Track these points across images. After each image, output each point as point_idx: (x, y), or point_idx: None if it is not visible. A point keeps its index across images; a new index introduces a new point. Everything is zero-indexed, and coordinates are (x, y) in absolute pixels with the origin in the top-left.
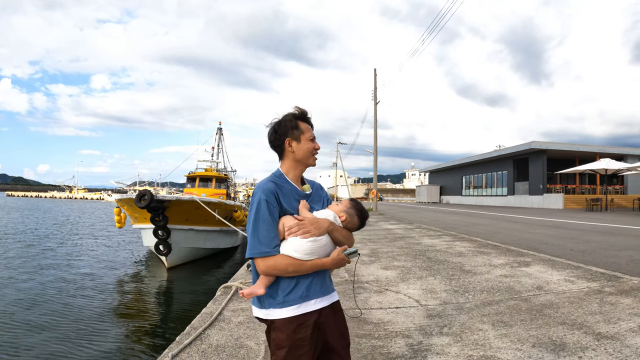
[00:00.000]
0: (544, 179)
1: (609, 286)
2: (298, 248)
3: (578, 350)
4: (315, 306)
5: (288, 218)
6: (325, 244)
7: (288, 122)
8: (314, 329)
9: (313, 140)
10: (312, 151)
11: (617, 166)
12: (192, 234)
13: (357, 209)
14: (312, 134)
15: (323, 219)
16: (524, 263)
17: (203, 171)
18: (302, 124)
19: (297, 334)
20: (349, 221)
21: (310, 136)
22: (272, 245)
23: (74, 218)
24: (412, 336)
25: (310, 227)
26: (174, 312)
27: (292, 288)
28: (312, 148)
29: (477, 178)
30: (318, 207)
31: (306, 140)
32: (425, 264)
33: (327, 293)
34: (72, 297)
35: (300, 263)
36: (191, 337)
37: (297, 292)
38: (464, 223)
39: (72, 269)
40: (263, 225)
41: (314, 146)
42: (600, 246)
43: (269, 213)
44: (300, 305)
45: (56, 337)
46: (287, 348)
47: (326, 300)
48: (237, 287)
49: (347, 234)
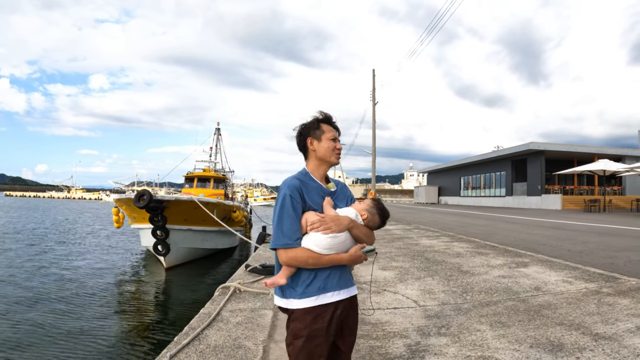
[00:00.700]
0: (542, 179)
1: (606, 287)
2: (318, 242)
3: (576, 350)
4: (333, 298)
5: (311, 213)
6: (344, 241)
7: (311, 124)
8: (331, 320)
9: (334, 140)
10: (332, 149)
11: (616, 167)
12: (190, 234)
13: (379, 208)
14: (333, 135)
15: (344, 217)
16: (522, 264)
17: (201, 171)
18: (324, 126)
19: (314, 324)
20: (370, 219)
21: (331, 136)
22: (294, 238)
23: (73, 218)
24: (410, 337)
25: (331, 224)
26: (172, 312)
27: (311, 280)
28: (332, 147)
29: (475, 179)
30: (342, 204)
31: (327, 140)
32: (424, 264)
33: (345, 286)
34: (69, 297)
35: (319, 256)
36: (189, 338)
37: (316, 284)
38: (462, 224)
39: (70, 269)
40: (287, 219)
41: (335, 145)
42: (598, 247)
43: (292, 208)
44: (318, 297)
45: (54, 337)
46: (304, 338)
47: (344, 294)
48: (235, 287)
49: (368, 232)
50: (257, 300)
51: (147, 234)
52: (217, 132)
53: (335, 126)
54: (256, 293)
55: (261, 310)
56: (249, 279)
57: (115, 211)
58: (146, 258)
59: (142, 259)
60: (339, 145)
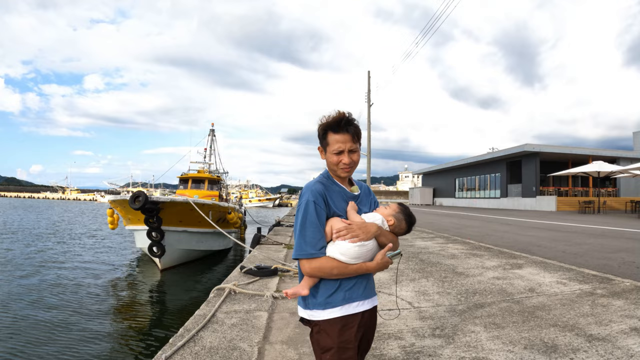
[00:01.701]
0: (537, 181)
1: (600, 288)
2: (345, 252)
3: (570, 352)
4: (358, 309)
5: (336, 220)
6: (371, 249)
7: (319, 130)
8: (357, 331)
9: (339, 154)
10: (337, 164)
11: (610, 169)
12: (185, 236)
13: (405, 214)
14: (338, 147)
15: (371, 224)
16: (517, 265)
17: (196, 173)
18: (330, 136)
19: (342, 335)
20: (396, 225)
21: (335, 149)
22: (318, 247)
23: (68, 219)
24: (405, 338)
25: (358, 232)
26: (167, 313)
27: (335, 290)
28: (337, 161)
29: (470, 180)
30: (366, 209)
31: (331, 154)
32: (418, 266)
33: (369, 296)
34: (64, 299)
35: (345, 266)
36: (184, 339)
37: (340, 294)
38: (457, 225)
39: (64, 270)
40: (310, 227)
41: (339, 160)
42: (592, 248)
43: (316, 215)
44: (343, 307)
45: (48, 339)
46: (333, 350)
47: (368, 304)
48: (230, 289)
49: (394, 238)
50: (252, 302)
51: (142, 236)
52: (211, 133)
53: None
54: (251, 295)
55: (256, 312)
56: (244, 281)
57: (110, 212)
58: (141, 259)
59: (137, 260)
60: (346, 159)
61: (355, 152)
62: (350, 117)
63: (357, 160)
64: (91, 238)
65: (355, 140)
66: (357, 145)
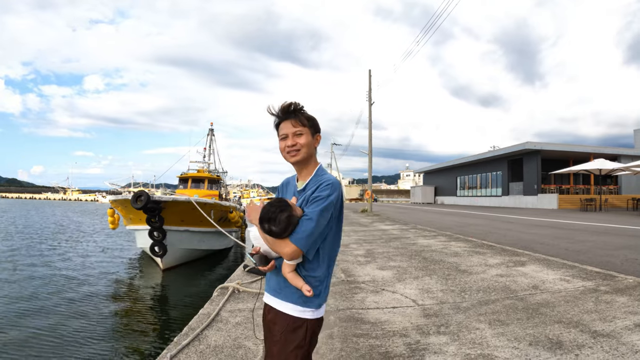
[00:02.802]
0: (539, 179)
1: (604, 285)
2: None
3: (575, 348)
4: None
5: None
6: (255, 237)
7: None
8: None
9: (284, 139)
10: (283, 149)
11: (611, 166)
12: (187, 235)
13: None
14: (283, 133)
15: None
16: (520, 263)
17: (195, 172)
18: (281, 125)
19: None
20: None
21: (281, 135)
22: None
23: (69, 219)
24: (410, 335)
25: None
26: (170, 313)
27: None
28: (282, 147)
29: (471, 179)
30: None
31: (279, 140)
32: (421, 264)
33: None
34: (66, 299)
35: None
36: (189, 338)
37: None
38: (459, 223)
39: (66, 271)
40: None
41: (284, 144)
42: (595, 246)
43: None
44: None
45: (50, 339)
46: None
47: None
48: (234, 287)
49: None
50: (256, 300)
51: (143, 235)
52: (210, 133)
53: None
54: (255, 293)
55: (260, 310)
56: (247, 280)
57: (111, 212)
58: (142, 259)
59: (138, 260)
60: (289, 142)
61: (302, 134)
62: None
63: (305, 143)
64: (92, 238)
65: (302, 124)
66: (306, 129)
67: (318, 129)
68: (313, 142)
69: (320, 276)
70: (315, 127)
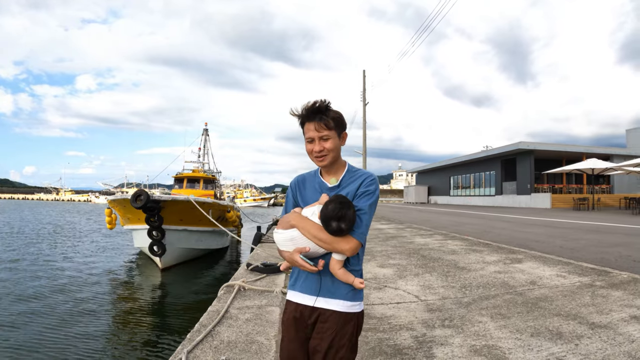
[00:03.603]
0: (532, 178)
1: (599, 280)
2: (274, 237)
3: (574, 338)
4: (294, 298)
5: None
6: (289, 239)
7: None
8: (293, 318)
9: (311, 142)
10: (311, 152)
11: (604, 166)
12: (185, 235)
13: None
14: (310, 136)
15: (291, 214)
16: (516, 260)
17: (190, 172)
18: (306, 125)
19: (283, 315)
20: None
21: (307, 138)
22: None
23: (64, 219)
24: (416, 329)
25: (280, 221)
26: (173, 311)
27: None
28: (310, 150)
29: (465, 178)
30: None
31: (306, 142)
32: (420, 261)
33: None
34: (63, 301)
35: (279, 251)
36: (202, 334)
37: (290, 280)
38: (454, 223)
39: (63, 271)
40: (281, 214)
41: (311, 148)
42: (589, 243)
43: (285, 206)
44: (288, 291)
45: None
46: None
47: (306, 299)
48: (239, 285)
49: (318, 234)
50: (262, 298)
51: (141, 235)
52: (205, 133)
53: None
54: (261, 291)
55: (268, 307)
56: (251, 278)
57: (108, 212)
58: (140, 259)
59: (135, 260)
60: (317, 147)
61: (329, 139)
62: (321, 104)
63: (332, 147)
64: (88, 238)
65: (328, 128)
66: (332, 132)
67: (344, 127)
68: (340, 142)
69: (360, 269)
70: (341, 126)
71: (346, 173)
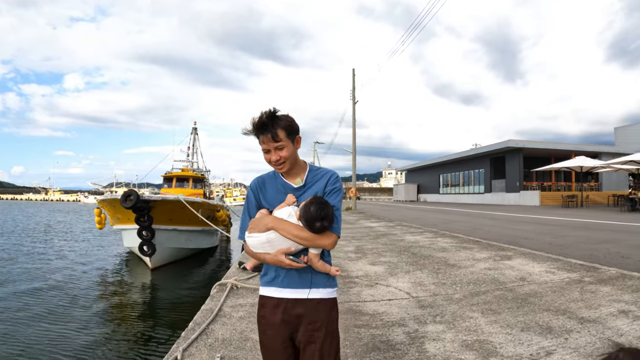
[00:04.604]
0: (521, 176)
1: (588, 276)
2: (247, 241)
3: (564, 332)
4: (273, 293)
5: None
6: (266, 241)
7: None
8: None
9: (267, 152)
10: (269, 161)
11: (592, 164)
12: (175, 234)
13: (303, 209)
14: (264, 147)
15: (265, 216)
16: (506, 257)
17: (179, 171)
18: (260, 137)
19: (259, 311)
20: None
21: (263, 149)
22: None
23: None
24: (408, 325)
25: (253, 224)
26: (164, 310)
27: (265, 272)
28: (267, 159)
29: (454, 176)
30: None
31: (263, 153)
32: (411, 259)
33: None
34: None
35: (253, 253)
36: (197, 332)
37: (266, 278)
38: (444, 220)
39: (53, 273)
40: (242, 216)
41: (269, 158)
42: (577, 240)
43: (246, 207)
44: (264, 288)
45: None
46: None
47: (287, 293)
48: (232, 284)
49: (300, 234)
50: (255, 296)
51: (131, 235)
52: (194, 132)
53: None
54: (253, 289)
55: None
56: (243, 276)
57: (98, 212)
58: (129, 259)
59: (125, 260)
60: (274, 157)
61: (284, 147)
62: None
63: (288, 155)
64: (78, 238)
65: (280, 138)
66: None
67: (297, 131)
68: (295, 147)
69: (330, 259)
70: (293, 132)
71: (309, 173)
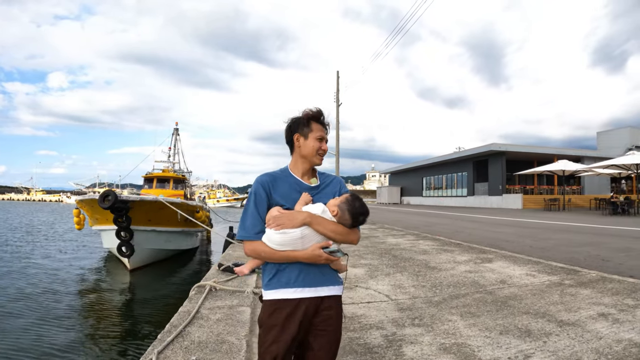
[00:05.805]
0: (503, 180)
1: (568, 279)
2: (270, 238)
3: (543, 336)
4: (294, 295)
5: (273, 210)
6: (299, 237)
7: (301, 119)
8: (290, 316)
9: (321, 140)
10: (317, 150)
11: (574, 167)
12: (154, 235)
13: (350, 204)
14: (321, 135)
15: (300, 212)
16: (487, 259)
17: (160, 172)
18: (314, 124)
19: (270, 317)
20: (340, 216)
21: (318, 136)
22: (254, 232)
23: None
24: (386, 328)
25: (284, 220)
26: (142, 312)
27: (274, 274)
28: (317, 147)
29: (437, 179)
30: (326, 200)
31: (313, 139)
32: (392, 261)
33: (311, 285)
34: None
35: (273, 252)
36: (173, 335)
37: (277, 279)
38: (426, 223)
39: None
40: (249, 214)
41: (320, 146)
42: (559, 243)
43: (254, 204)
44: (278, 291)
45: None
46: (263, 327)
47: (309, 292)
48: (211, 286)
49: (336, 229)
50: (233, 298)
51: (110, 236)
52: (175, 133)
53: (325, 124)
54: (232, 291)
55: (239, 307)
56: (222, 278)
57: (77, 212)
58: (108, 260)
59: (104, 261)
60: (325, 147)
61: (327, 142)
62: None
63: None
64: (57, 239)
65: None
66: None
67: None
68: None
69: None
70: None
71: (319, 175)
